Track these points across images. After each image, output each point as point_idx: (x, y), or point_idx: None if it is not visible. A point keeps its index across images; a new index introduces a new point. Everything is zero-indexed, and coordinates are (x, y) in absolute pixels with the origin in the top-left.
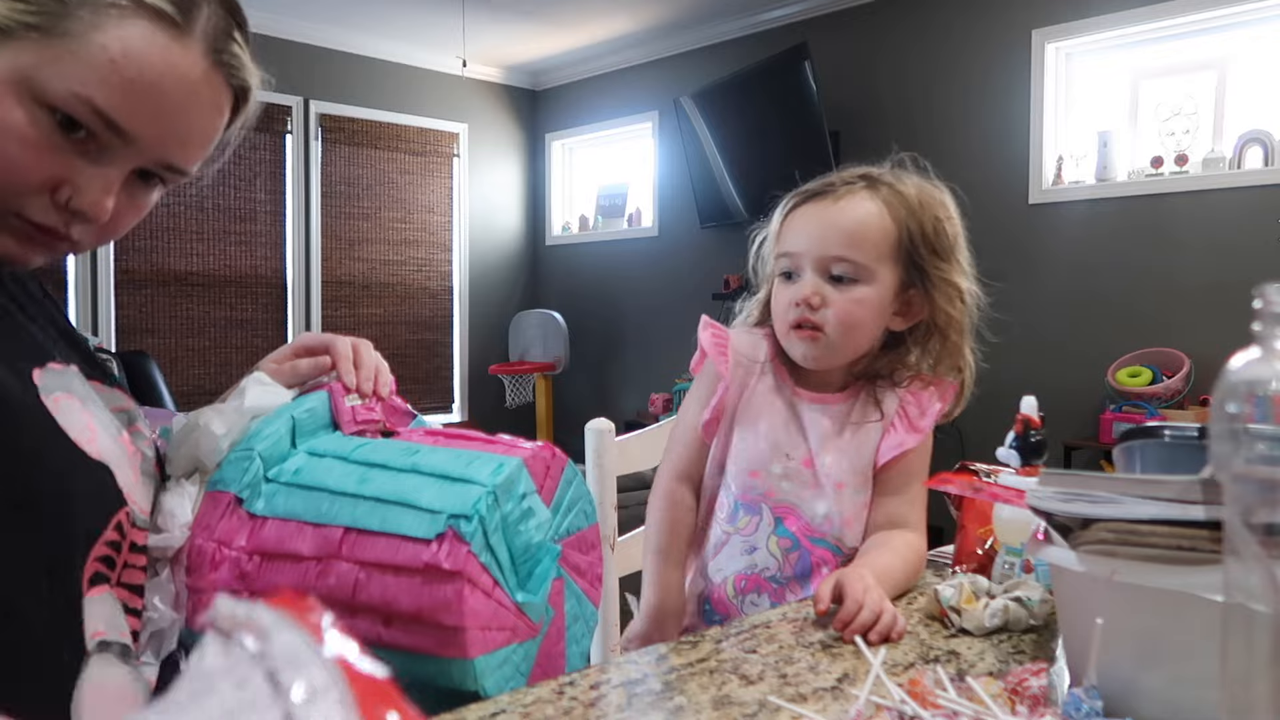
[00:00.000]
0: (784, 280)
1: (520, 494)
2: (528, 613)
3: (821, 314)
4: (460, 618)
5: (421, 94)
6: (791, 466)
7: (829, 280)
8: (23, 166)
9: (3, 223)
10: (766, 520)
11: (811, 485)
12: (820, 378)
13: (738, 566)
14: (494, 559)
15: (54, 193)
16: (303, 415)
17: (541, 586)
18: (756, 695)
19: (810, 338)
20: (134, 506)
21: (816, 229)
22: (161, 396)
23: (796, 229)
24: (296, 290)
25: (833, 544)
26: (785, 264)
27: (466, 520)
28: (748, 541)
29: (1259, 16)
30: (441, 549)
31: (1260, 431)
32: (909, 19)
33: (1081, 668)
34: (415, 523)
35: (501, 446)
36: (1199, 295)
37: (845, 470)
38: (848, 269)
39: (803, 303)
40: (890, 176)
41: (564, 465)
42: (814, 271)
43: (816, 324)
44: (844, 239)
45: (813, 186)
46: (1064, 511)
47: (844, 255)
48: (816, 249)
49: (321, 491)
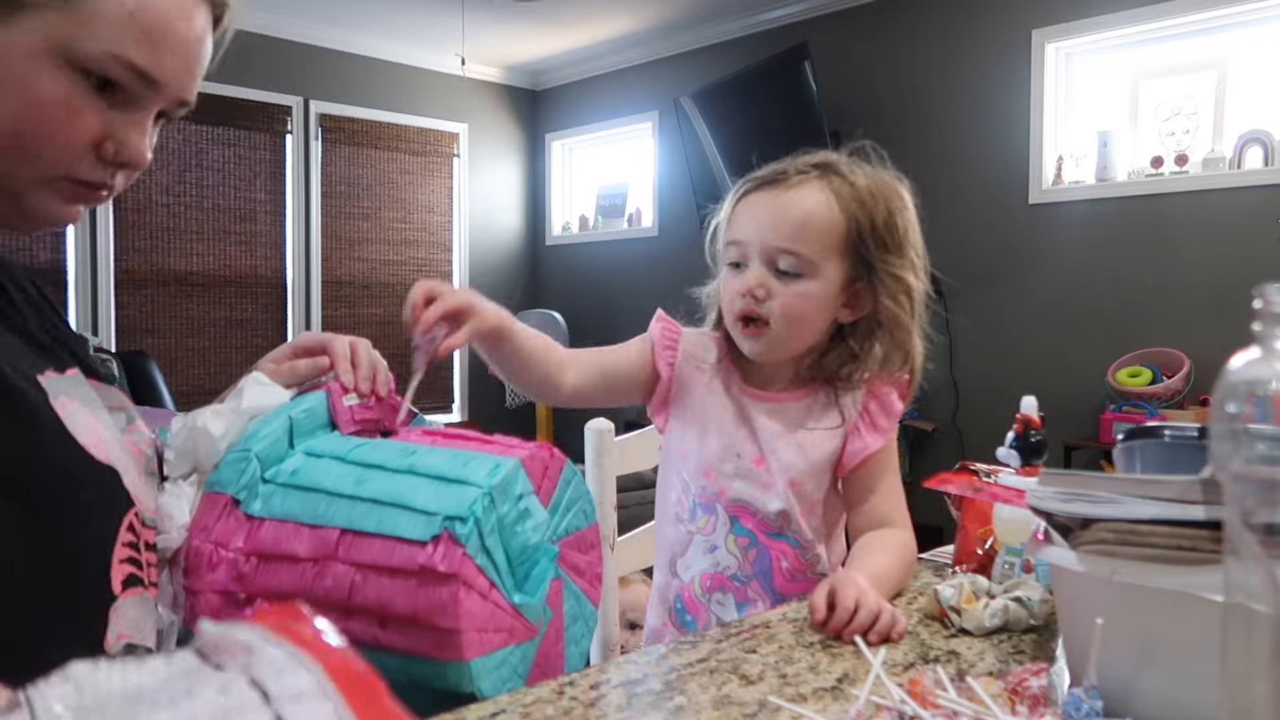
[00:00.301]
0: (732, 270)
1: (517, 495)
2: (525, 614)
3: (767, 306)
4: (456, 620)
5: (421, 94)
6: (743, 465)
7: (775, 273)
8: (70, 131)
9: (53, 187)
10: (722, 519)
11: (763, 484)
12: (772, 373)
13: (702, 566)
14: (490, 561)
15: (98, 149)
16: (300, 415)
17: (539, 588)
18: (756, 695)
19: (755, 334)
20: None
21: (765, 218)
22: (161, 396)
23: (746, 217)
24: (296, 290)
25: (790, 536)
26: (734, 253)
27: (462, 522)
28: (708, 541)
29: (1259, 16)
30: (437, 551)
31: (1260, 431)
32: (909, 19)
33: (1081, 668)
34: (411, 525)
35: (499, 447)
36: (1199, 295)
37: (800, 469)
38: (793, 263)
39: (748, 294)
40: (845, 166)
41: (562, 465)
42: (760, 262)
43: (762, 316)
44: (791, 231)
45: (765, 173)
46: (1064, 511)
47: (790, 248)
48: (763, 239)
49: (318, 493)
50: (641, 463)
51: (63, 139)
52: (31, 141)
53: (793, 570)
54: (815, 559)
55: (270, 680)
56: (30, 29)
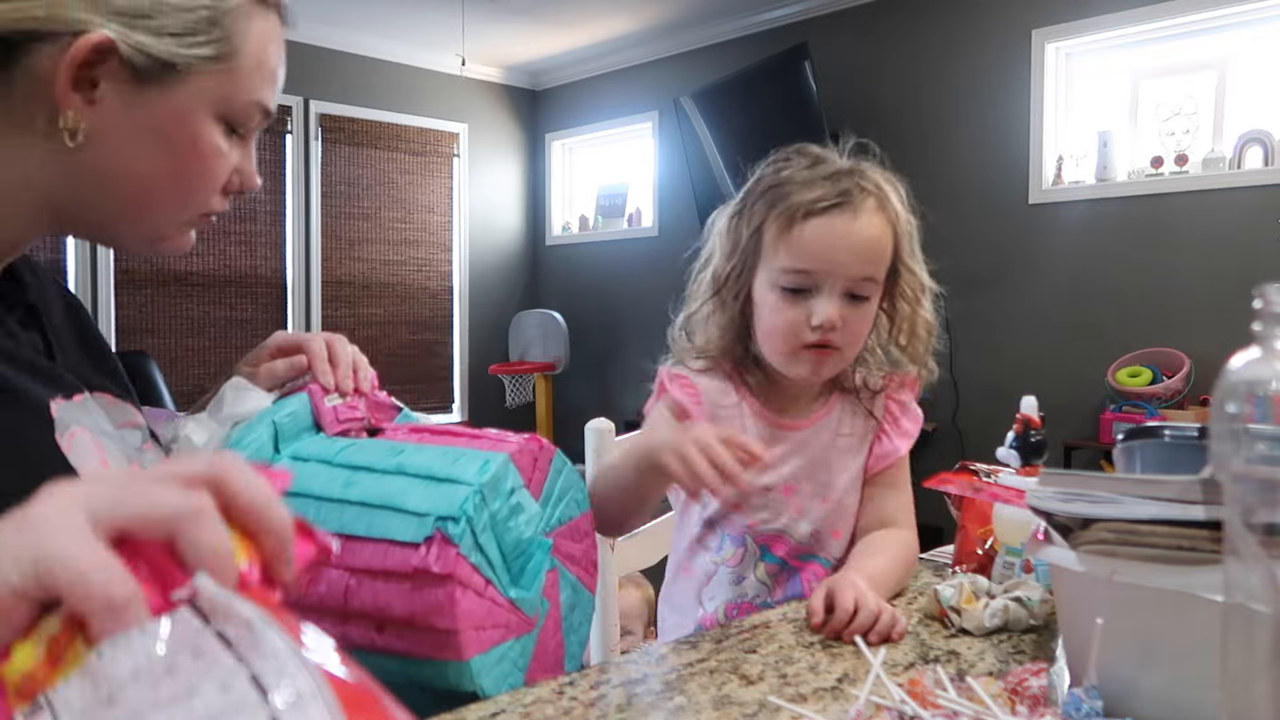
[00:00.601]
0: (790, 296)
1: (508, 490)
2: (522, 608)
3: (839, 335)
4: (453, 620)
5: (421, 94)
6: (772, 499)
7: (848, 301)
8: (219, 177)
9: (191, 223)
10: (751, 550)
11: (793, 511)
12: (798, 396)
13: (727, 595)
14: (484, 558)
15: (226, 183)
16: (284, 420)
17: (534, 581)
18: (756, 695)
19: (823, 358)
20: None
21: (844, 249)
22: (161, 396)
23: (815, 247)
24: (296, 290)
25: (821, 557)
26: (798, 280)
27: (454, 522)
28: (735, 572)
29: (1259, 16)
30: (430, 553)
31: (1260, 431)
32: (909, 19)
33: (1081, 668)
34: (403, 527)
35: (488, 442)
36: (1199, 295)
37: (837, 486)
38: (868, 286)
39: (827, 326)
40: (880, 179)
41: (552, 455)
42: (836, 293)
43: (834, 345)
44: (870, 259)
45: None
46: (1064, 511)
47: (871, 275)
48: (845, 269)
49: (307, 498)
50: None
51: (215, 184)
52: (195, 190)
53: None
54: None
55: (269, 676)
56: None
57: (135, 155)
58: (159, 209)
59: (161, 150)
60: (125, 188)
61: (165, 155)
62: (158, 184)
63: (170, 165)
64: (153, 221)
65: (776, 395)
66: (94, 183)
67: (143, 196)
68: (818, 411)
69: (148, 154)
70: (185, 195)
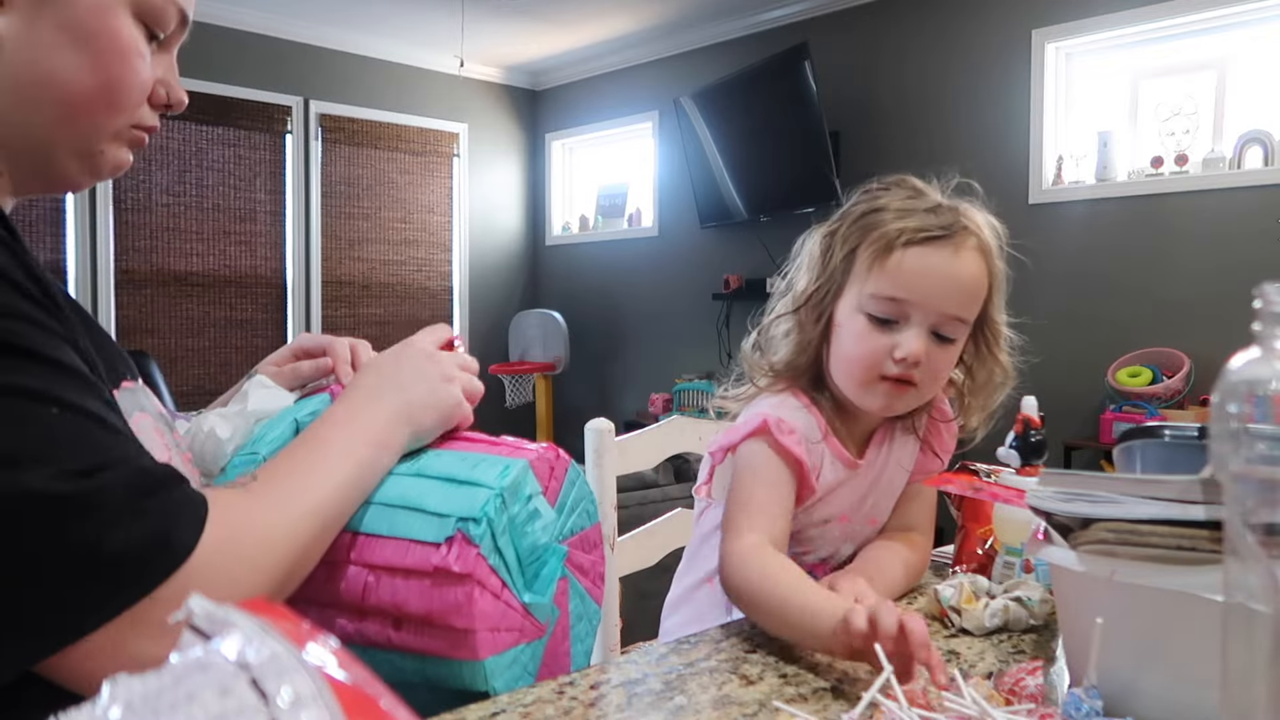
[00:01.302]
0: (876, 324)
1: (526, 496)
2: (534, 613)
3: (920, 370)
4: (470, 620)
5: (421, 94)
6: (830, 530)
7: (933, 336)
8: (144, 79)
9: (124, 136)
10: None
11: (843, 537)
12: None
13: None
14: (502, 561)
15: (150, 95)
16: (306, 419)
17: (548, 587)
18: (756, 695)
19: (902, 392)
20: None
21: (940, 282)
22: (162, 396)
23: (912, 277)
24: (296, 290)
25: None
26: (886, 309)
27: (475, 523)
28: None
29: (1259, 16)
30: (451, 552)
31: (1260, 431)
32: (909, 19)
33: (1081, 668)
34: (424, 526)
35: (506, 448)
36: (1199, 295)
37: (884, 509)
38: (957, 327)
39: (912, 360)
40: (982, 221)
41: (567, 466)
42: (925, 327)
43: (914, 380)
44: (965, 299)
45: (923, 224)
46: (1064, 511)
47: (962, 316)
48: (938, 304)
49: None
50: (641, 463)
51: (140, 87)
52: (120, 92)
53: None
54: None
55: (269, 680)
56: None
57: (54, 56)
58: (89, 114)
59: (80, 49)
60: (49, 94)
61: (85, 54)
62: (82, 85)
63: (91, 65)
64: (87, 131)
65: (842, 425)
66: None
67: (69, 102)
68: (874, 442)
69: (67, 54)
70: (112, 97)
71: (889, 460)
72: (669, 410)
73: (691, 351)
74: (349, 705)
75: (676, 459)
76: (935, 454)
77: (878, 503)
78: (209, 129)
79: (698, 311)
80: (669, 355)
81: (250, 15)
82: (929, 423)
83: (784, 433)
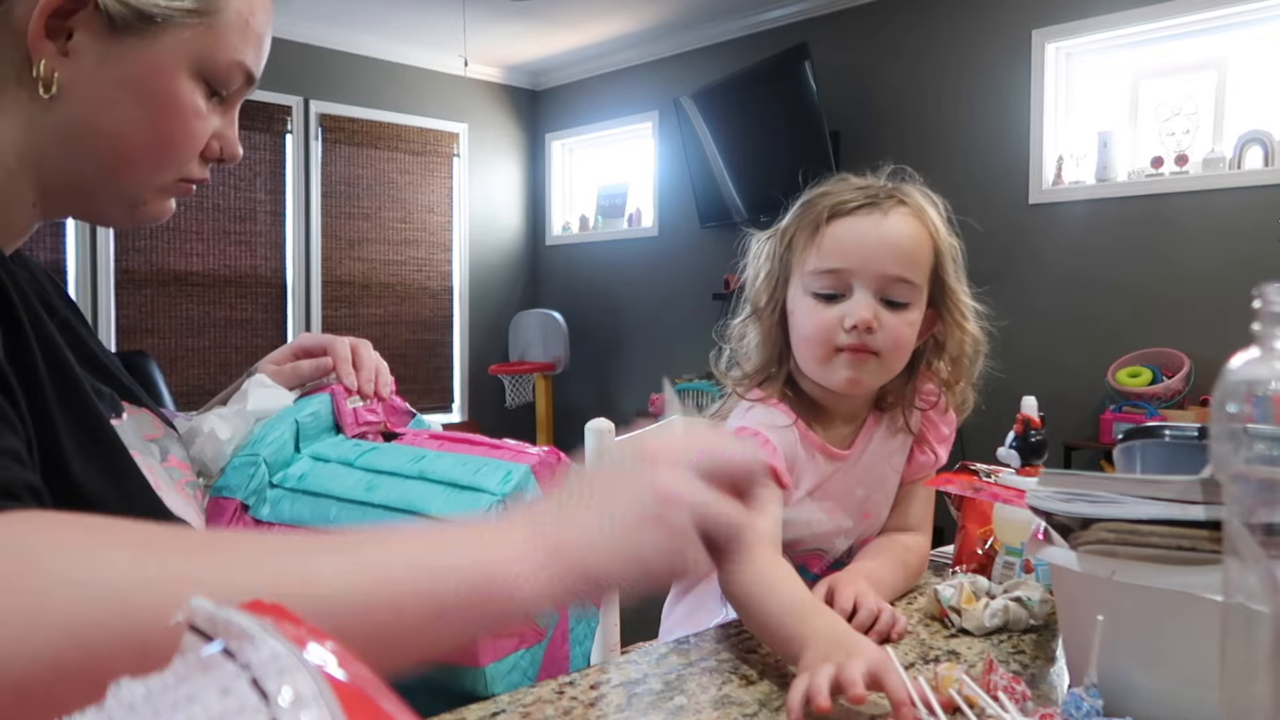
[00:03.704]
0: (823, 301)
1: (529, 501)
2: (534, 618)
3: (876, 339)
4: None
5: (421, 94)
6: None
7: (883, 302)
8: (198, 138)
9: (170, 189)
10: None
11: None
12: (844, 415)
13: None
14: None
15: (206, 149)
16: (306, 419)
17: None
18: (756, 695)
19: (862, 359)
20: None
21: (872, 245)
22: (161, 396)
23: (844, 244)
24: (296, 290)
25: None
26: (828, 282)
27: None
28: None
29: (1259, 16)
30: None
31: (1260, 431)
32: (909, 19)
33: (1081, 668)
34: None
35: (508, 452)
36: (1199, 295)
37: (874, 502)
38: (905, 290)
39: (861, 326)
40: (917, 194)
41: (568, 470)
42: (870, 292)
43: (871, 349)
44: (904, 258)
45: (850, 198)
46: (1064, 511)
47: (906, 276)
48: (875, 267)
49: (328, 498)
50: None
51: (194, 145)
52: (171, 150)
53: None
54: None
55: (270, 680)
56: (172, 44)
57: (110, 110)
58: (136, 169)
59: (137, 106)
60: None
61: (141, 111)
62: (133, 141)
63: (146, 122)
64: (131, 183)
65: (829, 423)
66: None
67: (119, 154)
68: (861, 434)
69: (123, 109)
70: (162, 155)
71: (877, 452)
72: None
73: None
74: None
75: None
76: (931, 448)
77: (869, 496)
78: None
79: (698, 312)
80: (669, 355)
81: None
82: (922, 417)
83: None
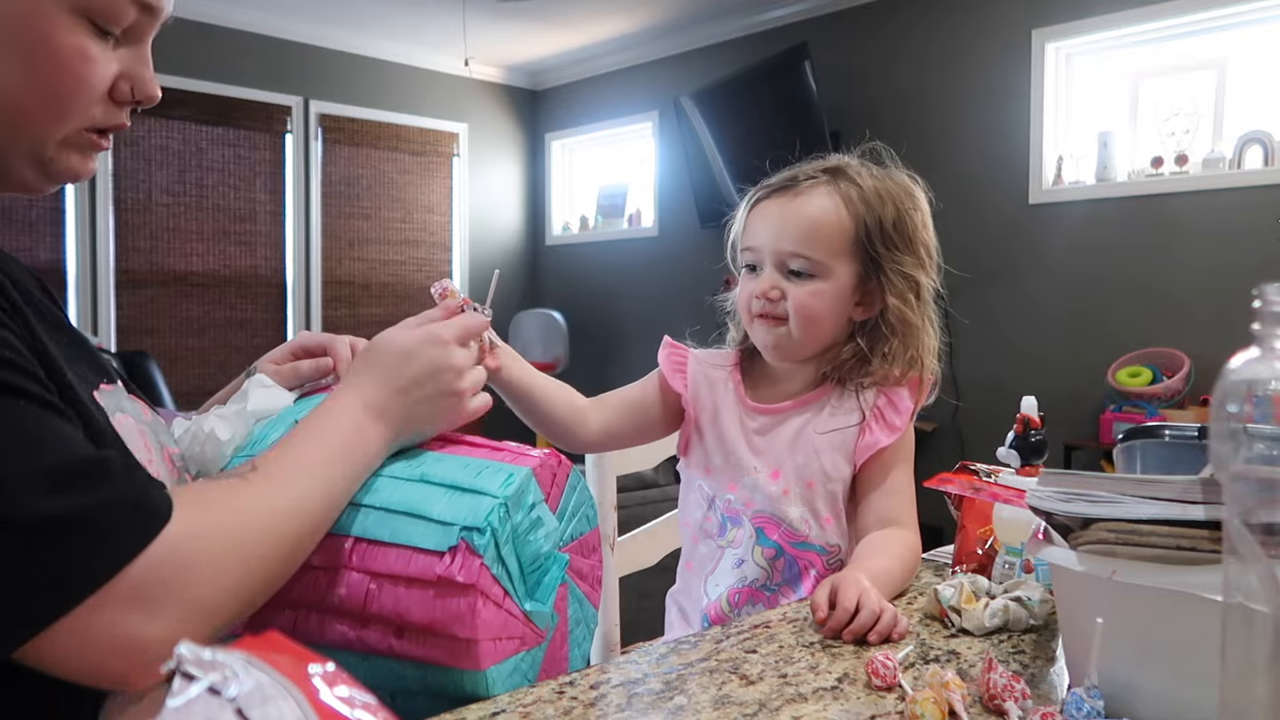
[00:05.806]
0: (748, 273)
1: (530, 504)
2: (535, 621)
3: (781, 306)
4: (473, 630)
5: (422, 94)
6: (760, 479)
7: (787, 275)
8: (93, 81)
9: (76, 142)
10: (748, 532)
11: (782, 494)
12: (790, 378)
13: (730, 581)
14: (504, 570)
15: (113, 92)
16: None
17: (549, 595)
18: (756, 695)
19: (770, 323)
20: None
21: (776, 225)
22: (161, 396)
23: (759, 224)
24: (296, 290)
25: (817, 545)
26: (749, 257)
27: (479, 533)
28: (736, 554)
29: (1259, 16)
30: (455, 562)
31: (1260, 431)
32: (909, 19)
33: (1081, 668)
34: (427, 534)
35: (509, 455)
36: (1199, 295)
37: (815, 470)
38: (803, 264)
39: (761, 296)
40: (854, 169)
41: (569, 472)
42: (773, 266)
43: (777, 315)
44: (800, 235)
45: (775, 181)
46: (1064, 511)
47: (799, 251)
48: (774, 245)
49: None
50: (641, 463)
51: (87, 91)
52: (60, 100)
53: (821, 576)
54: (842, 564)
55: (255, 710)
56: None
57: None
58: (29, 125)
59: (12, 56)
60: None
61: (17, 61)
62: (17, 95)
63: (25, 72)
64: (29, 140)
65: (771, 382)
66: None
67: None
68: (802, 397)
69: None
70: (50, 106)
71: (814, 418)
72: None
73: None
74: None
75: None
76: (874, 429)
77: (807, 464)
78: (209, 129)
79: (698, 311)
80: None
81: (250, 15)
82: (876, 394)
83: (665, 348)
